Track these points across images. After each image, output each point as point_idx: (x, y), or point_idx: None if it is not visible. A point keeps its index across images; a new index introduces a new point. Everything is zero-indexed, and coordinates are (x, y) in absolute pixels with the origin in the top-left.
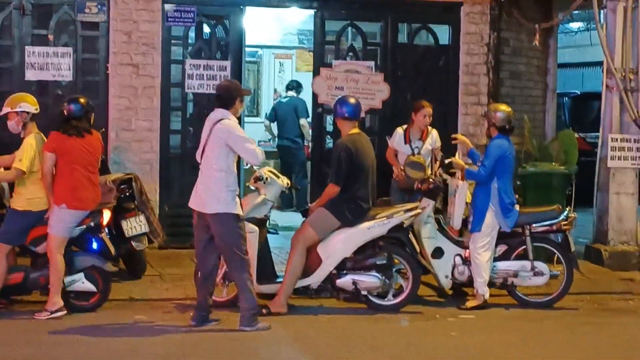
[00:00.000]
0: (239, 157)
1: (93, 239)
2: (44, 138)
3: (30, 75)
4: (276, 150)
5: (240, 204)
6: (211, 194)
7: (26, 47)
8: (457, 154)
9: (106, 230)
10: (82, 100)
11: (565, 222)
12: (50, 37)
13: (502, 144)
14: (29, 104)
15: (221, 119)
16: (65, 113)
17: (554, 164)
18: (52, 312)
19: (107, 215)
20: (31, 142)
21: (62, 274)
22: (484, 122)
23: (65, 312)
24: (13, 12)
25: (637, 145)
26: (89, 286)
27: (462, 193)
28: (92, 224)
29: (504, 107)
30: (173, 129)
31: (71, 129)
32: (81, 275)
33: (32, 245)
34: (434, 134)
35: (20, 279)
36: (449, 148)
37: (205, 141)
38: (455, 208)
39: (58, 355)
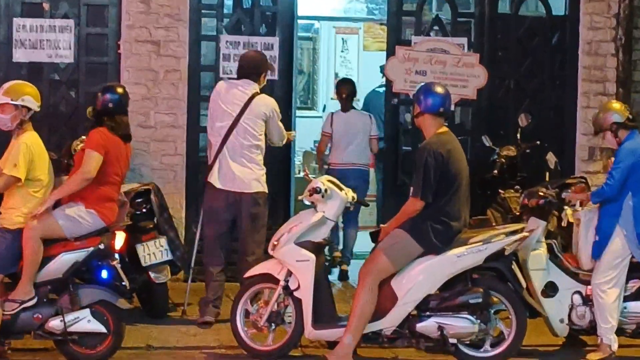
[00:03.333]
0: None
1: (103, 268)
2: (40, 140)
3: (20, 55)
4: None
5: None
6: (251, 173)
7: (14, 19)
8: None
9: (117, 256)
10: (119, 89)
11: None
12: (46, 6)
13: (636, 147)
14: (33, 99)
15: (258, 93)
16: (109, 105)
17: None
18: (22, 303)
19: (120, 237)
20: (29, 142)
21: (38, 260)
22: (602, 136)
23: (35, 301)
24: None
25: None
26: (96, 326)
27: (588, 222)
28: (101, 246)
29: (613, 105)
30: (204, 125)
31: (118, 128)
32: (87, 312)
33: None
34: None
35: (9, 317)
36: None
37: (239, 115)
38: (580, 243)
39: None
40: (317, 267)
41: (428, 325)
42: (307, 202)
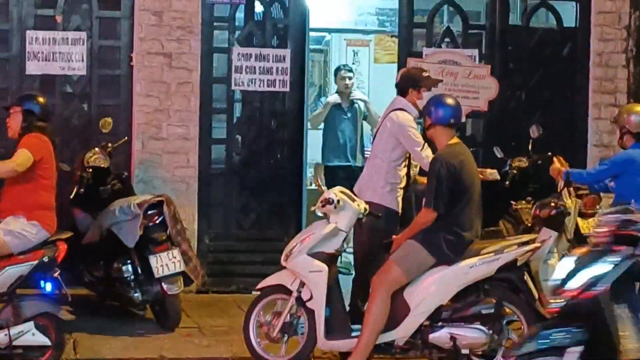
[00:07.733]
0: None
1: (46, 280)
2: None
3: (33, 67)
4: None
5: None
6: (369, 182)
7: (27, 31)
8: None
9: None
10: (41, 99)
11: None
12: (58, 18)
13: (635, 152)
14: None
15: (397, 109)
16: (39, 111)
17: None
18: None
19: (62, 248)
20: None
21: None
22: (616, 129)
23: None
24: None
25: None
26: (40, 339)
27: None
28: (45, 259)
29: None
30: (216, 137)
31: (49, 131)
32: (31, 325)
33: None
34: None
35: None
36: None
37: (378, 126)
38: None
39: None
40: (330, 278)
41: (441, 336)
42: (319, 213)
